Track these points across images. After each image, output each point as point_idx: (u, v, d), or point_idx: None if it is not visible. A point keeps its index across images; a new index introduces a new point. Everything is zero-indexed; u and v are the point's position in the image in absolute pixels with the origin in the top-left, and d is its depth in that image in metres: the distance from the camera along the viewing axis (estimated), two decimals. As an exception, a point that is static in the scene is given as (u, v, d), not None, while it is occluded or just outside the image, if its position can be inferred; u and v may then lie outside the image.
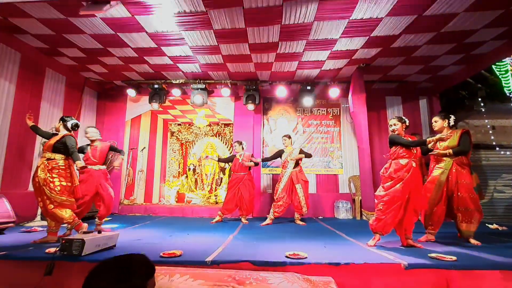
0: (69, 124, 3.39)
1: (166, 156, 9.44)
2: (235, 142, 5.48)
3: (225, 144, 9.70)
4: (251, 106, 6.36)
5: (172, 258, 2.43)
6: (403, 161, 3.01)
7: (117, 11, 3.68)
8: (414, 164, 2.98)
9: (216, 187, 8.96)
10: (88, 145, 4.05)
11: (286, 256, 2.44)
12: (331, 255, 2.54)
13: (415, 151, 3.07)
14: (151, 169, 8.26)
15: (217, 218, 5.07)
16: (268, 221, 4.85)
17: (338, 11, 3.81)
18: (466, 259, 2.43)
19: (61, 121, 3.40)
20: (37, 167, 3.21)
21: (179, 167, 9.68)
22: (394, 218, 2.94)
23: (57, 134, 3.40)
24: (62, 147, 3.27)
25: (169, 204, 7.79)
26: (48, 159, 3.21)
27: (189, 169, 9.27)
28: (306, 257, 2.40)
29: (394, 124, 3.19)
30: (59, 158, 3.25)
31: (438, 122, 3.24)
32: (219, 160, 5.92)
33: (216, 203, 8.28)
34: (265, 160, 5.56)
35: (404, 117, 3.24)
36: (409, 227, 3.05)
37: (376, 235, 3.08)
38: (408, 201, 2.97)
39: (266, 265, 2.29)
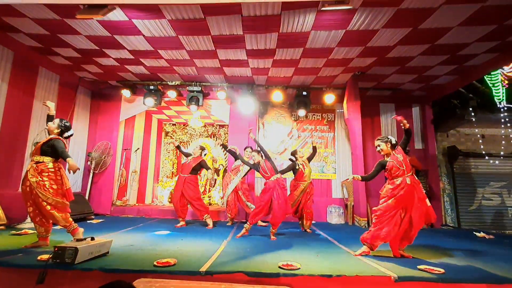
0: (66, 134, 3.34)
1: (160, 156, 9.38)
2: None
3: (220, 146, 9.70)
4: (246, 110, 6.37)
5: (166, 268, 2.44)
6: (397, 181, 3.07)
7: (115, 14, 3.65)
8: (408, 181, 3.03)
9: (210, 188, 8.95)
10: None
11: (279, 267, 2.47)
12: (324, 266, 2.58)
13: (404, 167, 3.07)
14: (144, 169, 8.20)
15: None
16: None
17: (335, 22, 3.86)
18: (454, 271, 2.50)
19: (59, 127, 3.29)
20: (27, 171, 3.15)
21: (173, 168, 9.64)
22: (387, 234, 2.98)
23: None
24: (49, 150, 3.18)
25: (162, 205, 7.75)
26: (37, 162, 3.15)
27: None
28: (299, 268, 2.44)
29: (378, 145, 3.24)
30: (47, 161, 3.17)
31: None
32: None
33: (210, 204, 8.28)
34: None
35: (389, 136, 3.25)
36: (405, 241, 3.10)
37: (364, 246, 3.13)
38: (404, 217, 3.02)
39: (260, 276, 2.31)
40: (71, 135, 3.43)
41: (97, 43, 4.63)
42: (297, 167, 4.82)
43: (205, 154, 5.41)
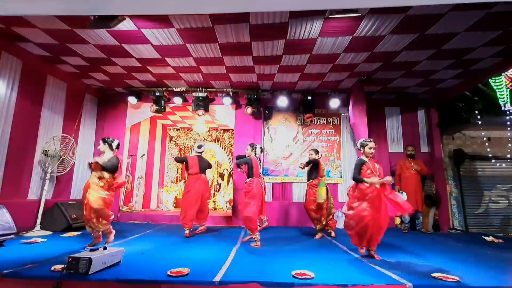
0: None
1: (164, 161, 9.41)
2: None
3: (224, 150, 9.73)
4: (252, 115, 6.40)
5: (180, 278, 2.44)
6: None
7: (124, 24, 3.68)
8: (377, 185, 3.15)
9: (214, 193, 8.96)
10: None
11: (293, 276, 2.47)
12: (338, 275, 2.58)
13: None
14: (149, 174, 8.22)
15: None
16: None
17: (342, 29, 3.88)
18: (469, 278, 2.48)
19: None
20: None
21: (177, 172, 9.67)
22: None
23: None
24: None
25: (167, 210, 7.77)
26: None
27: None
28: (313, 277, 2.44)
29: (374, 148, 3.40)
30: None
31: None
32: None
33: (215, 209, 8.29)
34: None
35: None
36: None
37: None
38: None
39: (274, 285, 2.32)
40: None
41: (105, 51, 4.67)
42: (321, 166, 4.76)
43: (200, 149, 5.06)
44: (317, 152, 4.87)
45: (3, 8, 2.69)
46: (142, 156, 7.61)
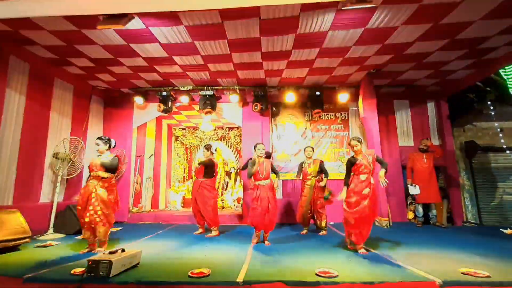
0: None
1: (171, 161, 9.39)
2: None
3: (230, 148, 9.69)
4: (259, 112, 6.33)
5: (202, 278, 2.41)
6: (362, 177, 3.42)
7: (132, 23, 3.62)
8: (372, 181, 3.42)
9: (222, 191, 8.94)
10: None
11: (317, 274, 2.42)
12: (362, 272, 2.52)
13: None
14: (156, 174, 8.20)
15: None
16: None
17: (355, 21, 3.80)
18: (500, 274, 2.41)
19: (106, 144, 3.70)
20: None
21: (184, 172, 9.65)
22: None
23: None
24: None
25: (176, 210, 7.75)
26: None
27: (195, 174, 9.23)
28: (337, 275, 2.39)
29: (356, 145, 3.52)
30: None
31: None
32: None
33: (223, 207, 8.25)
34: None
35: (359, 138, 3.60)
36: None
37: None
38: None
39: (300, 284, 2.28)
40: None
41: (112, 52, 4.62)
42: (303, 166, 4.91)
43: (215, 150, 5.07)
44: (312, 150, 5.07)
45: (14, 10, 2.65)
46: (150, 157, 7.58)
